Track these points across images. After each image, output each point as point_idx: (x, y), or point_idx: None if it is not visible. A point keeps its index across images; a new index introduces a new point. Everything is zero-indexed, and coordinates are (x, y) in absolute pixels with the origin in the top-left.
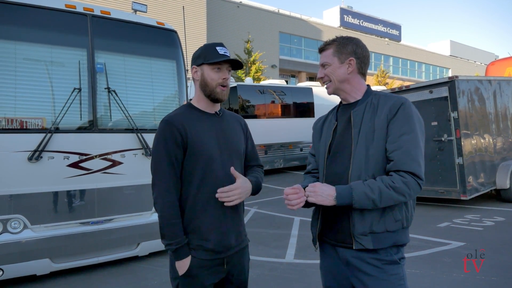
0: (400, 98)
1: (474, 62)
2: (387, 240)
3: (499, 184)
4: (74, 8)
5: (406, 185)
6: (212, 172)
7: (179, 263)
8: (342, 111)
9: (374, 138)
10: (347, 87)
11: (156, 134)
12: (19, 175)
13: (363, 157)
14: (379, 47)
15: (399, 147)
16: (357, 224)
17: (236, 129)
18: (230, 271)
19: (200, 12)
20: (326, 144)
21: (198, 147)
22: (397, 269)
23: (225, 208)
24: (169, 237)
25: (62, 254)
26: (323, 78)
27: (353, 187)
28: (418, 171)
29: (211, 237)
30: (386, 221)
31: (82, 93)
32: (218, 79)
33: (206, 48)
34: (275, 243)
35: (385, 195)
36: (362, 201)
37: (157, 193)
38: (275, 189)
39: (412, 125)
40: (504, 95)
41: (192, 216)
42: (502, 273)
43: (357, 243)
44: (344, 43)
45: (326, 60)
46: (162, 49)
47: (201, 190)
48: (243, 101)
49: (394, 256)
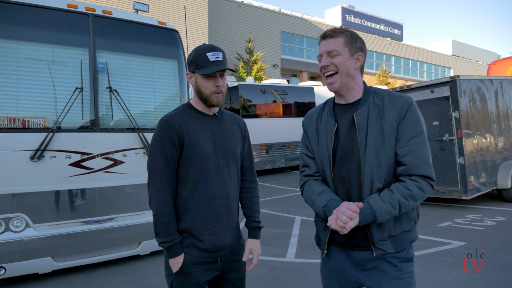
0: (406, 98)
1: (476, 62)
2: (405, 240)
3: (500, 184)
4: (76, 8)
5: (421, 190)
6: (206, 174)
7: (172, 261)
8: (341, 112)
9: (385, 143)
10: (351, 83)
11: (154, 133)
12: (21, 174)
13: (375, 164)
14: (381, 47)
15: (410, 150)
16: (374, 232)
17: (234, 131)
18: (225, 269)
19: (202, 11)
20: (328, 148)
21: (194, 148)
22: (410, 267)
23: (218, 209)
24: (163, 235)
25: (64, 253)
26: (328, 67)
27: (374, 207)
28: (431, 173)
29: (204, 237)
30: (402, 223)
31: (84, 93)
32: (211, 87)
33: (197, 54)
34: (276, 242)
35: (404, 206)
36: (385, 218)
37: (152, 192)
38: (276, 188)
39: (421, 126)
40: (506, 94)
41: (185, 216)
42: (503, 273)
43: (377, 249)
44: (354, 36)
45: (335, 48)
46: (163, 48)
47: (195, 191)
48: (244, 100)
49: (410, 253)
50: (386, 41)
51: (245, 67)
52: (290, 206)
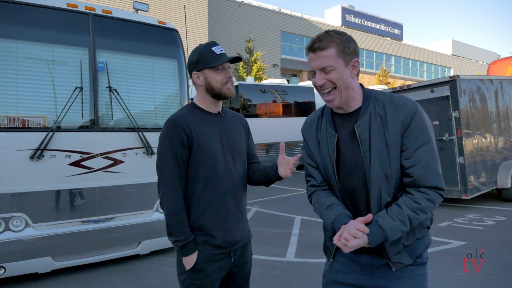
0: (409, 106)
1: (476, 62)
2: (420, 247)
3: (500, 183)
4: (75, 7)
5: (431, 202)
6: (216, 172)
7: (186, 259)
8: (341, 122)
9: (390, 156)
10: (350, 93)
11: (161, 134)
12: (21, 173)
13: (381, 177)
14: (381, 46)
15: (417, 161)
16: (388, 248)
17: (239, 129)
18: (236, 264)
19: (202, 11)
20: (331, 161)
21: (203, 147)
22: (423, 270)
23: (228, 206)
24: (176, 234)
25: (63, 252)
26: (325, 84)
27: (384, 227)
28: (440, 183)
29: (216, 234)
30: (416, 231)
31: (84, 92)
32: (222, 80)
33: (203, 51)
34: (276, 242)
35: (414, 220)
36: (396, 236)
37: (163, 192)
38: (276, 188)
39: (427, 134)
40: (506, 94)
41: (197, 214)
42: (503, 272)
43: (395, 264)
44: (345, 41)
45: (329, 63)
46: (163, 48)
47: (205, 189)
48: (244, 100)
49: (424, 257)
50: (386, 41)
51: (245, 66)
52: (290, 206)
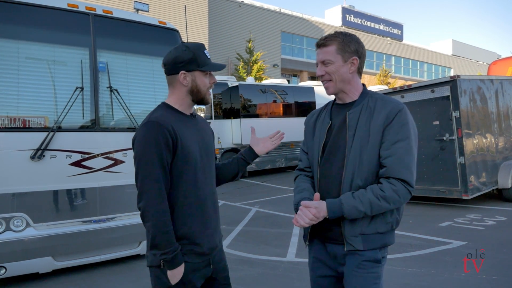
0: (397, 104)
1: (477, 62)
2: (376, 241)
3: (500, 183)
4: (76, 8)
5: (396, 193)
6: (197, 176)
7: (173, 272)
8: (337, 111)
9: (369, 142)
10: (347, 87)
11: (142, 136)
12: (21, 173)
13: (357, 161)
14: (381, 47)
15: (392, 153)
16: (347, 227)
17: (209, 132)
18: (215, 269)
19: (202, 11)
20: (319, 144)
21: (186, 151)
22: (376, 268)
23: (209, 210)
24: (164, 246)
25: (64, 252)
26: (323, 76)
27: (343, 201)
28: (409, 178)
29: (200, 241)
30: (377, 224)
31: (84, 92)
32: (208, 84)
33: (196, 52)
34: (276, 242)
35: (375, 206)
36: (353, 214)
37: (147, 201)
38: (276, 188)
39: (407, 132)
40: (506, 94)
41: (180, 222)
42: (504, 272)
43: (348, 244)
44: (347, 41)
45: (328, 58)
46: (164, 48)
47: (188, 195)
48: (244, 100)
49: (378, 254)
50: (386, 41)
51: (245, 67)
52: (290, 206)
